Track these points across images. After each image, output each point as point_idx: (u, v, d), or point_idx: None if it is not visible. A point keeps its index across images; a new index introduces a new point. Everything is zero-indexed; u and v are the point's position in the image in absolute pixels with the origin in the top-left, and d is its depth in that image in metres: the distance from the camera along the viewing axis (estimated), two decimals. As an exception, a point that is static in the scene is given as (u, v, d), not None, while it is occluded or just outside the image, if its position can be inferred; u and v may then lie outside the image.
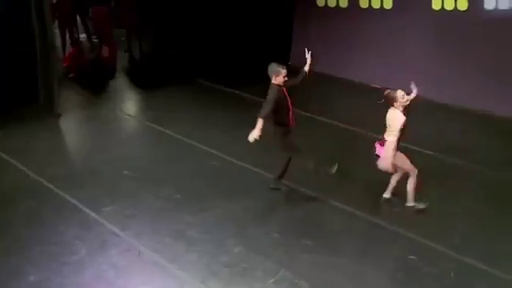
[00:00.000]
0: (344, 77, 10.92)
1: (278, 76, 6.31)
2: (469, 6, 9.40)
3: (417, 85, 6.22)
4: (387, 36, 10.33)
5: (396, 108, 5.92)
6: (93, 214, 6.29)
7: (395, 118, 5.89)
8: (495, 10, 9.16)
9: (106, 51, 12.09)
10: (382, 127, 6.10)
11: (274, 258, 5.53)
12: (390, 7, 10.33)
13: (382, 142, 6.04)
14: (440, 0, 9.65)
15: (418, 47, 10.04)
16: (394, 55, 10.30)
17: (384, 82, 9.94)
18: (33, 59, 9.37)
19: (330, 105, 9.94)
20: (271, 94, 6.28)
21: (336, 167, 6.70)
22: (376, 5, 10.47)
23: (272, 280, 5.21)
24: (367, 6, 10.56)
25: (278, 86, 6.33)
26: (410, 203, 6.29)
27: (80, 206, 6.47)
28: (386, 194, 6.54)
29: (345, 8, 10.83)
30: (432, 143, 8.18)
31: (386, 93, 5.99)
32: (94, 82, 11.37)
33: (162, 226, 6.08)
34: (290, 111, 6.41)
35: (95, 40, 13.27)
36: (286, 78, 6.33)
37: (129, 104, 10.43)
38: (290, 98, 6.42)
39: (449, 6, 9.59)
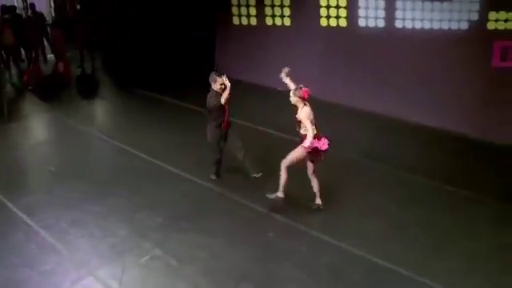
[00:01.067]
0: (256, 83, 11.08)
1: (216, 83, 6.56)
2: (347, 24, 9.65)
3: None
4: (287, 49, 10.49)
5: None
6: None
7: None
8: (366, 27, 9.46)
9: (61, 66, 12.16)
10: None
11: (152, 239, 5.76)
12: (289, 24, 10.51)
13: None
14: (326, 19, 9.89)
15: (310, 57, 10.25)
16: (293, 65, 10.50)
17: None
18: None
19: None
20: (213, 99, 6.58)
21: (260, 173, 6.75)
22: (278, 22, 10.64)
23: (145, 258, 5.43)
24: (271, 23, 10.70)
25: (216, 91, 6.58)
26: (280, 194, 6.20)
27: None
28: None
29: (254, 26, 10.96)
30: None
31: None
32: (50, 93, 11.36)
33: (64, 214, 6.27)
34: (225, 116, 6.69)
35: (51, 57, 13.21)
36: (223, 86, 6.52)
37: (75, 112, 10.48)
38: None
39: (333, 23, 9.83)
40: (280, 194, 6.16)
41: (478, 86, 8.34)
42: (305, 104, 5.91)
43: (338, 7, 9.67)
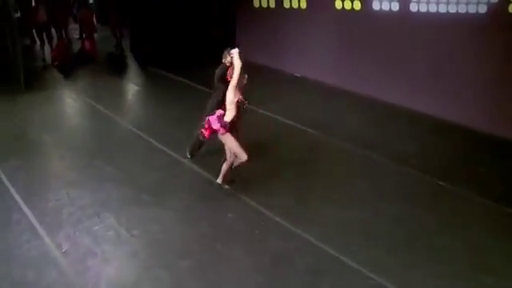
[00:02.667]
0: (274, 67, 10.91)
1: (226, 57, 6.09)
2: (362, 7, 9.19)
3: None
4: (303, 32, 10.21)
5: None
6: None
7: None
8: (381, 11, 8.96)
9: (87, 44, 12.59)
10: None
11: (111, 211, 5.77)
12: (305, 7, 10.19)
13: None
14: (340, 1, 9.48)
15: (325, 41, 9.90)
16: (308, 48, 10.26)
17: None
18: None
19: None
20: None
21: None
22: (295, 5, 10.35)
23: (98, 226, 5.46)
24: (289, 6, 10.44)
25: (224, 65, 6.15)
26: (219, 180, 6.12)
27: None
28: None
29: (273, 8, 10.74)
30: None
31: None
32: (74, 69, 11.80)
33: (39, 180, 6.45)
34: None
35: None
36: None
37: (88, 88, 10.78)
38: None
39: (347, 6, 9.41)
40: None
41: (495, 76, 7.64)
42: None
43: (353, -11, 9.27)
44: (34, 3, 12.37)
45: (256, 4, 11.12)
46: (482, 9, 7.63)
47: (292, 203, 5.97)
